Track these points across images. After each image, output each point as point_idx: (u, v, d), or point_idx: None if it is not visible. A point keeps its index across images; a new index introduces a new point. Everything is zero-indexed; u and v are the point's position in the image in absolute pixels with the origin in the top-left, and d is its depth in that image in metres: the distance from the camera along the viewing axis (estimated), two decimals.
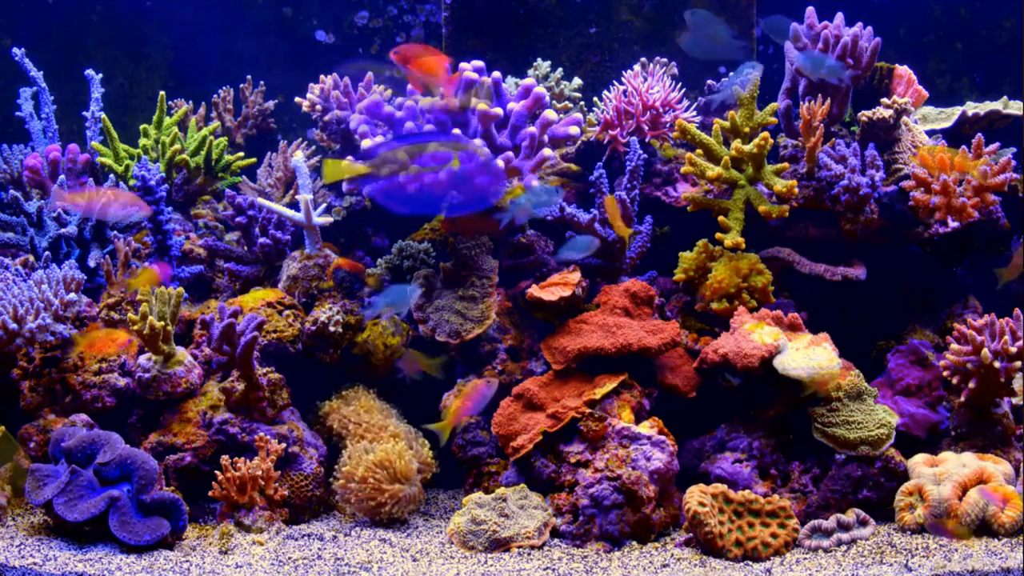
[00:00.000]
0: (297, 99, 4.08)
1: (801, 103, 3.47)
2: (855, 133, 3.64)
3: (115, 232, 3.62)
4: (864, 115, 3.53)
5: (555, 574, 2.62)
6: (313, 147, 4.21)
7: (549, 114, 3.27)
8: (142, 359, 3.14)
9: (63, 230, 3.55)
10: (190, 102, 4.34)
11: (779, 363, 2.99)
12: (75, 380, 3.16)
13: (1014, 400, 3.13)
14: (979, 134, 3.30)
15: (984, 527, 2.74)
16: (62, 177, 3.70)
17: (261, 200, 3.65)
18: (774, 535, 2.75)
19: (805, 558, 2.70)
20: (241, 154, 4.09)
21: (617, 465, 2.88)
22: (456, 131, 3.25)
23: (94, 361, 3.20)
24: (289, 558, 2.73)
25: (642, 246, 3.52)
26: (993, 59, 4.43)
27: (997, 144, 3.32)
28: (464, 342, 3.30)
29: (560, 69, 4.10)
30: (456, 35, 4.10)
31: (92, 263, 3.55)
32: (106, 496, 2.74)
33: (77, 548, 2.71)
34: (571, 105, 4.07)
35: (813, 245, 3.51)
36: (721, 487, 2.82)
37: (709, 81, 4.03)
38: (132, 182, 3.74)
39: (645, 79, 3.76)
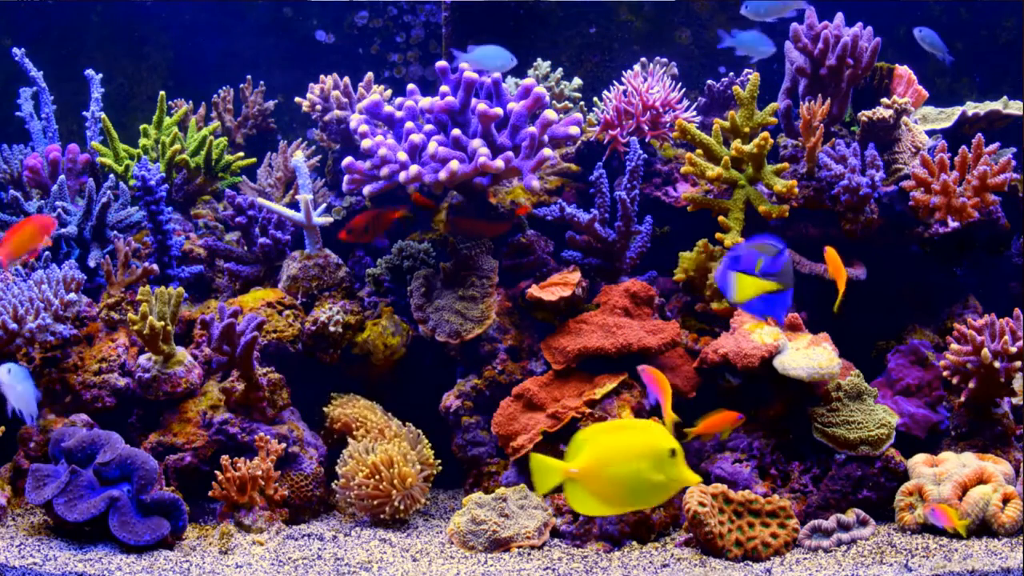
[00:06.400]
0: (297, 99, 4.08)
1: (801, 103, 3.47)
2: (855, 133, 3.64)
3: (115, 232, 3.62)
4: (864, 115, 3.52)
5: (555, 574, 2.62)
6: (313, 147, 4.21)
7: (549, 114, 3.27)
8: (142, 359, 3.14)
9: (63, 230, 3.54)
10: (190, 102, 4.34)
11: (779, 363, 2.99)
12: (75, 380, 3.16)
13: (1014, 400, 3.13)
14: (979, 134, 3.30)
15: (984, 527, 2.74)
16: (62, 177, 3.70)
17: (261, 200, 3.66)
18: (774, 535, 2.75)
19: (805, 558, 2.70)
20: (241, 154, 4.09)
21: None
22: (456, 131, 3.25)
23: (94, 361, 3.20)
24: (289, 558, 2.73)
25: (642, 246, 3.52)
26: (993, 59, 4.42)
27: (997, 144, 3.31)
28: (464, 342, 3.29)
29: (560, 69, 4.09)
30: (456, 35, 4.10)
31: (92, 263, 3.55)
32: (106, 496, 2.74)
33: (77, 548, 2.71)
34: (571, 105, 4.07)
35: (813, 245, 3.50)
36: (721, 487, 2.82)
37: (709, 81, 4.03)
38: (132, 182, 3.75)
39: (645, 79, 3.76)
